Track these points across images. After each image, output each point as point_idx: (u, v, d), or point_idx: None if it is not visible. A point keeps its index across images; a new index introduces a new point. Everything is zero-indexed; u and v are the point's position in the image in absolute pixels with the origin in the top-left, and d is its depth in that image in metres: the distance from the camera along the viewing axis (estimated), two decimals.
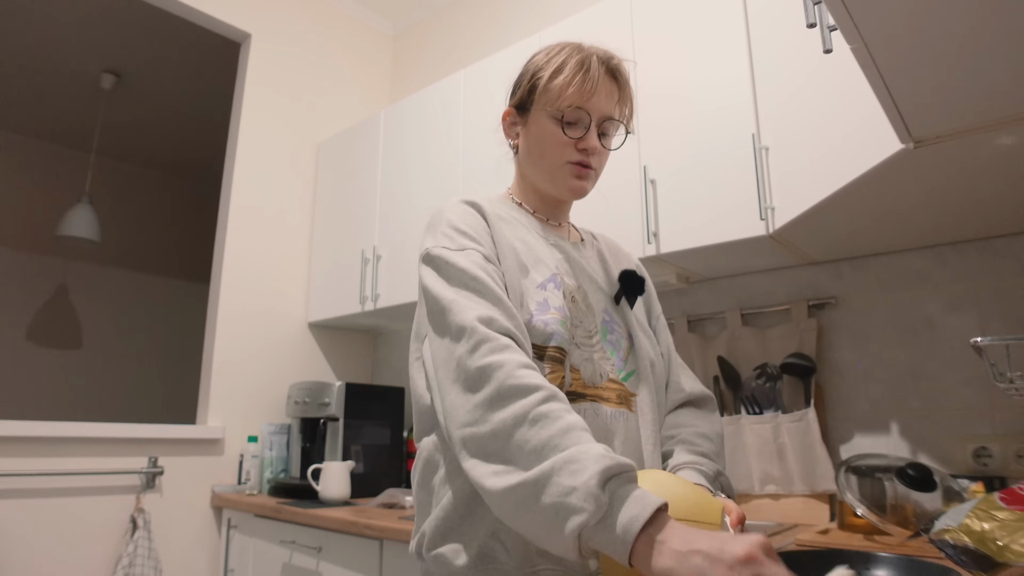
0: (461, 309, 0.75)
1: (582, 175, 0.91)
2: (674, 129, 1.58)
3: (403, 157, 2.34)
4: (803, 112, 1.31)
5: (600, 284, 0.94)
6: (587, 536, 0.59)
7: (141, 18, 2.98)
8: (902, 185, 1.16)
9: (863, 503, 1.16)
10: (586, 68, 0.89)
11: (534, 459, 0.63)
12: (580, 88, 0.88)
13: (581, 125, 0.89)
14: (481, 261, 0.81)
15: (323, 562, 1.71)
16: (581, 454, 0.61)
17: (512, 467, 0.64)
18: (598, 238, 1.07)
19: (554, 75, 0.89)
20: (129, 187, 4.61)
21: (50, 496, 1.89)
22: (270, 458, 2.31)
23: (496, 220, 0.89)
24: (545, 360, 0.80)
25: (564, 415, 0.66)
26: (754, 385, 1.65)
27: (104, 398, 4.21)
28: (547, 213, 0.98)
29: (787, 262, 1.65)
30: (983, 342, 1.02)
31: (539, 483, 0.61)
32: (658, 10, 1.66)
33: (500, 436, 0.66)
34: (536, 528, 0.62)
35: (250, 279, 2.50)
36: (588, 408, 0.82)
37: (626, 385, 0.87)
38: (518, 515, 0.63)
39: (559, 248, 0.93)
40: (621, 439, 0.83)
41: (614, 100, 0.91)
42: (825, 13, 0.94)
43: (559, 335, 0.81)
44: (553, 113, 0.89)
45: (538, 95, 0.91)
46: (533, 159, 0.94)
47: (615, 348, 0.89)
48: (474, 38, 2.76)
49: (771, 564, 0.53)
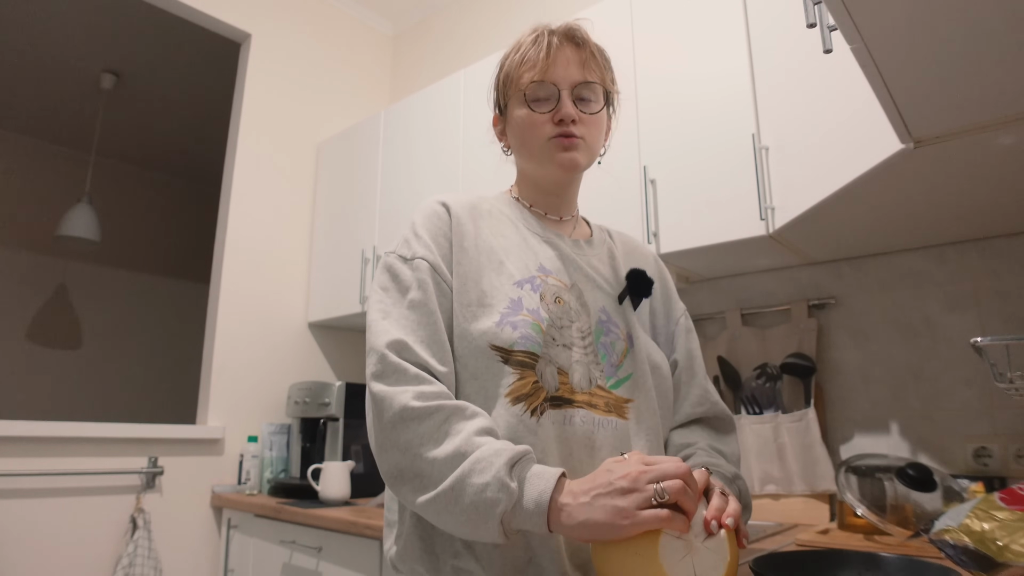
0: (377, 333, 0.78)
1: (568, 145, 0.86)
2: (674, 129, 1.58)
3: (403, 157, 2.34)
4: (803, 112, 1.31)
5: (600, 283, 0.90)
6: (508, 520, 0.66)
7: (141, 18, 2.98)
8: (902, 185, 1.16)
9: (863, 503, 1.16)
10: (537, 42, 0.88)
11: (447, 470, 0.68)
12: (535, 61, 0.87)
13: (551, 99, 0.87)
14: (425, 275, 0.81)
15: (323, 562, 1.71)
16: (485, 453, 0.68)
17: (428, 480, 0.70)
18: (614, 236, 1.02)
19: (515, 61, 0.90)
20: (129, 187, 4.61)
21: (50, 496, 1.89)
22: (270, 458, 2.31)
23: (471, 217, 0.88)
24: (511, 364, 0.77)
25: (465, 425, 0.71)
26: (754, 385, 1.65)
27: (104, 398, 4.21)
28: (546, 207, 0.95)
29: (787, 262, 1.65)
30: (983, 342, 1.02)
31: (455, 489, 0.67)
32: (658, 10, 1.66)
33: (408, 455, 0.71)
34: (463, 527, 0.68)
35: (250, 279, 2.50)
36: (576, 414, 0.79)
37: (616, 392, 0.83)
38: (444, 520, 0.69)
39: (552, 244, 0.90)
40: (609, 448, 0.79)
41: (579, 63, 0.88)
42: (825, 13, 0.94)
43: (529, 339, 0.78)
44: (520, 98, 0.89)
45: (504, 89, 0.92)
46: (520, 150, 0.93)
47: (607, 352, 0.85)
48: (474, 38, 2.76)
49: (653, 468, 0.63)
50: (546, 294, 0.84)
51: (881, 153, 1.04)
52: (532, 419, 0.76)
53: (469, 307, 0.81)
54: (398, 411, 0.72)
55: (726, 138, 1.48)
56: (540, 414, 0.77)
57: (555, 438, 0.77)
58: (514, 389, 0.77)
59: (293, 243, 2.66)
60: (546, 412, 0.77)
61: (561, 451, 0.77)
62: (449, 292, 0.82)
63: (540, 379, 0.78)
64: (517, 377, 0.77)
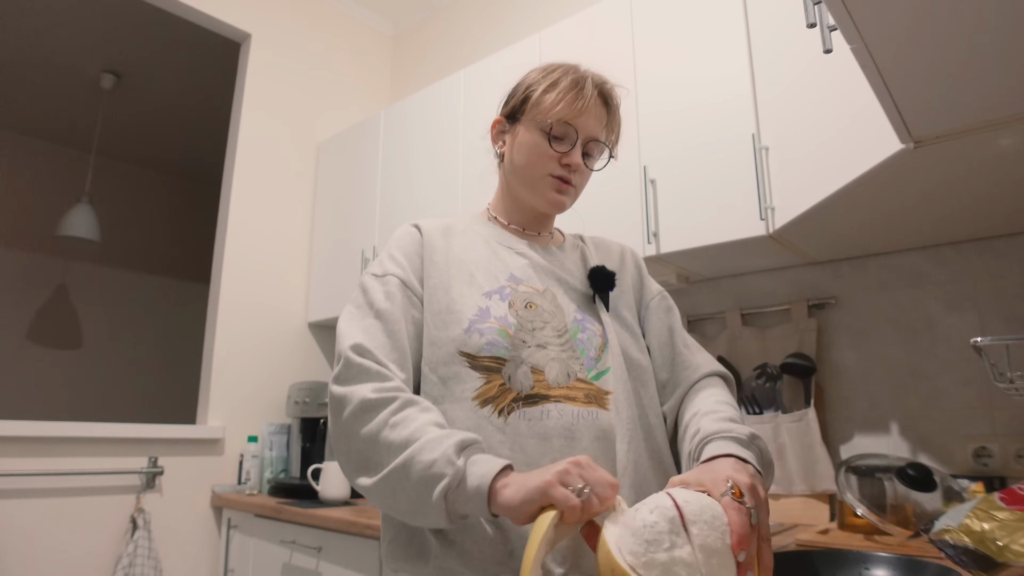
0: (341, 339, 0.83)
1: (563, 190, 0.93)
2: (674, 129, 1.58)
3: (403, 157, 2.34)
4: (803, 112, 1.31)
5: (574, 284, 0.95)
6: (452, 499, 0.68)
7: (141, 18, 2.98)
8: (902, 185, 1.16)
9: (863, 503, 1.16)
10: (580, 87, 0.91)
11: (399, 452, 0.72)
12: (571, 104, 0.90)
13: (568, 141, 0.91)
14: (394, 288, 0.87)
15: (323, 562, 1.71)
16: (436, 436, 0.71)
17: (381, 463, 0.73)
18: (586, 240, 1.07)
19: (548, 89, 0.92)
20: (129, 187, 4.61)
21: (50, 496, 1.89)
22: (270, 458, 2.31)
23: (443, 236, 0.94)
24: (479, 370, 0.82)
25: (420, 415, 0.75)
26: (754, 385, 1.65)
27: (104, 398, 4.21)
28: (524, 224, 1.00)
29: (787, 262, 1.65)
30: (983, 342, 1.02)
31: (405, 466, 0.70)
32: (658, 10, 1.66)
33: (366, 442, 0.75)
34: (410, 504, 0.70)
35: (250, 279, 2.50)
36: (552, 409, 0.82)
37: (597, 384, 0.86)
38: (393, 498, 0.72)
39: (523, 255, 0.94)
40: (590, 438, 0.82)
41: (602, 123, 0.94)
42: (825, 13, 0.94)
43: (495, 344, 0.83)
44: (542, 125, 0.91)
45: (529, 107, 0.94)
46: (516, 168, 0.95)
47: (586, 347, 0.88)
48: (474, 38, 2.76)
49: (594, 470, 0.64)
50: (515, 301, 0.88)
51: (881, 153, 1.04)
52: (500, 419, 0.80)
53: (439, 315, 0.86)
54: (357, 403, 0.76)
55: (726, 138, 1.48)
56: (508, 414, 0.81)
57: (529, 434, 0.80)
58: (481, 392, 0.81)
59: (293, 243, 2.66)
60: (515, 411, 0.81)
61: (538, 445, 0.80)
62: (420, 304, 0.88)
63: (508, 381, 0.82)
64: (484, 381, 0.82)
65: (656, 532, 0.57)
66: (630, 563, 0.56)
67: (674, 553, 0.56)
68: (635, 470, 0.82)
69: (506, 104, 0.99)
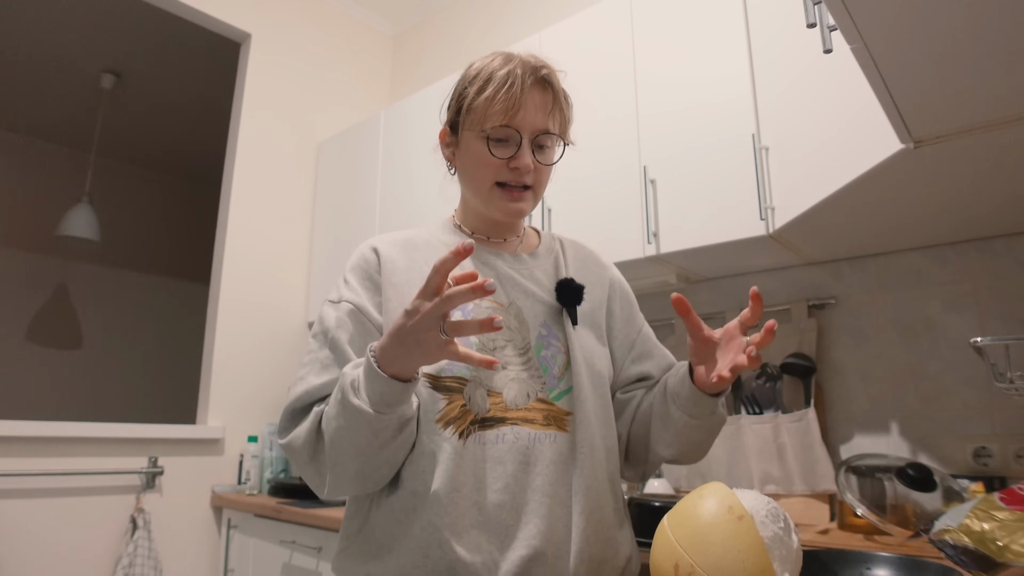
0: (297, 380, 0.84)
1: (517, 196, 0.87)
2: (674, 129, 1.58)
3: (403, 157, 2.34)
4: (803, 112, 1.31)
5: (541, 296, 0.90)
6: (370, 393, 0.71)
7: (141, 18, 2.98)
8: (902, 185, 1.16)
9: (863, 503, 1.16)
10: (510, 83, 0.84)
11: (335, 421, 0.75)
12: (505, 104, 0.83)
13: (511, 143, 0.85)
14: (345, 315, 0.85)
15: (323, 562, 1.71)
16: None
17: (340, 442, 0.76)
18: (565, 244, 1.02)
19: (478, 93, 0.85)
20: (129, 187, 4.61)
21: (50, 496, 1.89)
22: (270, 458, 2.31)
23: (404, 252, 0.91)
24: (441, 391, 0.80)
25: None
26: (754, 385, 1.65)
27: (104, 398, 4.21)
28: (489, 232, 0.95)
29: (787, 262, 1.65)
30: (983, 342, 1.02)
31: (337, 402, 0.74)
32: (658, 10, 1.66)
33: (332, 447, 0.76)
34: (350, 424, 0.72)
35: (250, 279, 2.50)
36: (508, 432, 0.80)
37: (558, 404, 0.84)
38: (344, 436, 0.74)
39: (489, 265, 0.90)
40: (546, 461, 0.80)
41: (546, 111, 0.87)
42: (825, 13, 0.94)
43: (457, 364, 0.80)
44: (479, 133, 0.86)
45: (463, 115, 0.88)
46: (468, 182, 0.91)
47: (548, 364, 0.85)
48: (474, 38, 2.76)
49: (416, 313, 0.67)
50: (478, 318, 0.85)
51: (881, 153, 1.04)
52: (460, 441, 0.78)
53: None
54: (303, 438, 0.79)
55: (726, 138, 1.48)
56: (466, 436, 0.79)
57: (483, 458, 0.79)
58: (444, 414, 0.79)
59: (293, 243, 2.66)
60: (472, 434, 0.79)
61: (492, 468, 0.78)
62: (375, 330, 0.85)
63: (468, 402, 0.80)
64: (447, 402, 0.80)
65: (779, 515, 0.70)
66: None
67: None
68: (586, 496, 0.80)
69: (449, 114, 0.93)
